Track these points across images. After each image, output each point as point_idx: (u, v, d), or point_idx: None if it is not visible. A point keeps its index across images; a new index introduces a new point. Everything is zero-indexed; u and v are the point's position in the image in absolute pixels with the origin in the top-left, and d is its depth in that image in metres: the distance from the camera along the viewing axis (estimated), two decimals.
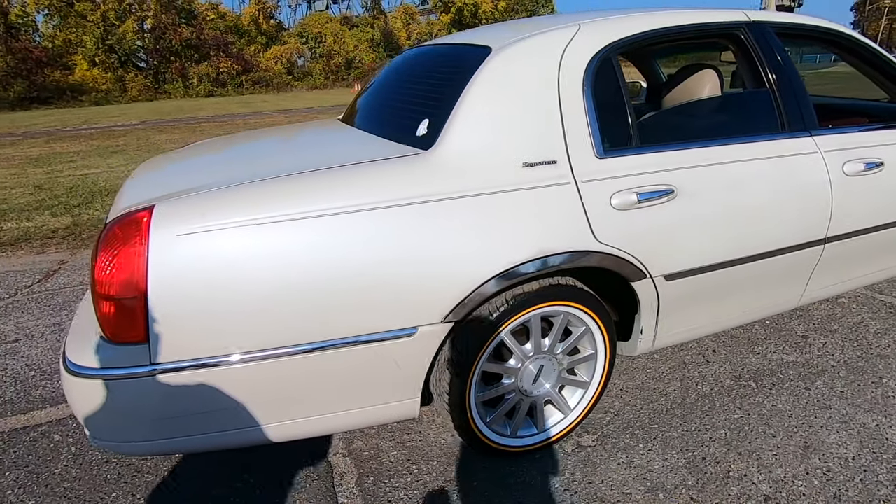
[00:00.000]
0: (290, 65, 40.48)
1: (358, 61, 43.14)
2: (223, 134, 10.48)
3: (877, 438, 1.63)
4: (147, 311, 1.11)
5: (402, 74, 1.93)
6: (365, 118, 1.86)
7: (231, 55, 36.03)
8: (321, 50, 42.59)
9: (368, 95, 2.07)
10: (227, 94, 32.03)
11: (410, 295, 1.24)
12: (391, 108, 1.77)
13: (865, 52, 1.97)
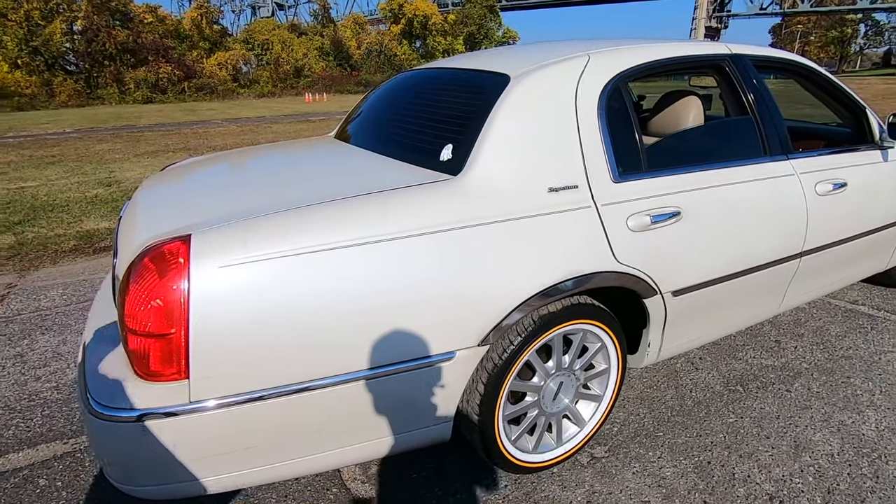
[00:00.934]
0: (236, 71, 39.21)
1: (308, 69, 42.41)
2: (172, 144, 10.01)
3: (855, 434, 1.79)
4: (189, 347, 1.06)
5: (410, 96, 1.95)
6: (373, 139, 1.85)
7: (171, 60, 34.44)
8: (268, 57, 41.56)
9: (371, 115, 2.07)
10: (167, 101, 30.58)
11: (449, 319, 1.26)
12: (403, 130, 1.78)
13: (822, 81, 2.18)
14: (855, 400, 1.97)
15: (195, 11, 41.86)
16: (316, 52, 45.16)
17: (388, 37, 49.28)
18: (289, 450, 1.20)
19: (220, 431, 1.12)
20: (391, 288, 1.19)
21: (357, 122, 2.11)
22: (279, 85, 39.28)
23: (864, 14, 52.01)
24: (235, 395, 1.10)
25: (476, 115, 1.46)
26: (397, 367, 1.22)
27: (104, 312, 1.52)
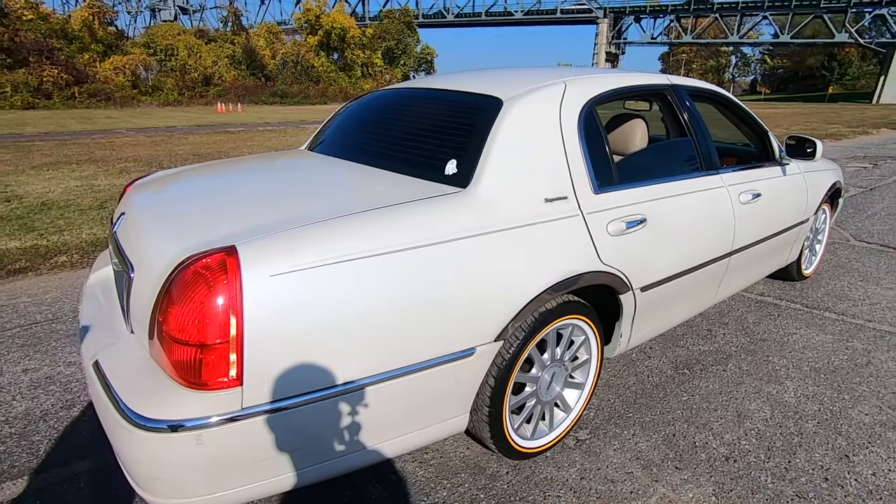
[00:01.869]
0: (135, 77, 36.26)
1: (218, 78, 40.29)
2: (73, 155, 9.11)
3: (780, 401, 2.15)
4: (243, 354, 1.09)
5: (400, 114, 2.05)
6: (367, 154, 1.92)
7: (58, 63, 31.09)
8: (173, 63, 38.93)
9: (359, 130, 2.15)
10: (54, 107, 27.51)
11: (470, 318, 1.39)
12: (399, 146, 1.88)
13: (736, 108, 2.61)
14: (776, 374, 2.36)
15: (86, 11, 38.25)
16: (227, 61, 43.05)
17: (305, 48, 48.25)
18: (327, 451, 1.25)
19: (272, 435, 1.15)
20: (423, 291, 1.30)
21: (341, 136, 2.18)
22: (186, 93, 36.90)
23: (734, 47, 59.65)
24: (286, 398, 1.15)
25: (476, 133, 1.61)
26: (430, 364, 1.32)
27: (101, 327, 1.46)
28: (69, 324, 2.81)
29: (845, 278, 3.53)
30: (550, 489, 1.67)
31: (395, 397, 1.30)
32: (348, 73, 50.02)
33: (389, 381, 1.26)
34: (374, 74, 52.00)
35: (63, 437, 1.89)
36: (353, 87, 47.84)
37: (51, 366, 2.38)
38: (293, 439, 1.18)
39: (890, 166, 8.56)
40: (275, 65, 47.03)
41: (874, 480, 1.72)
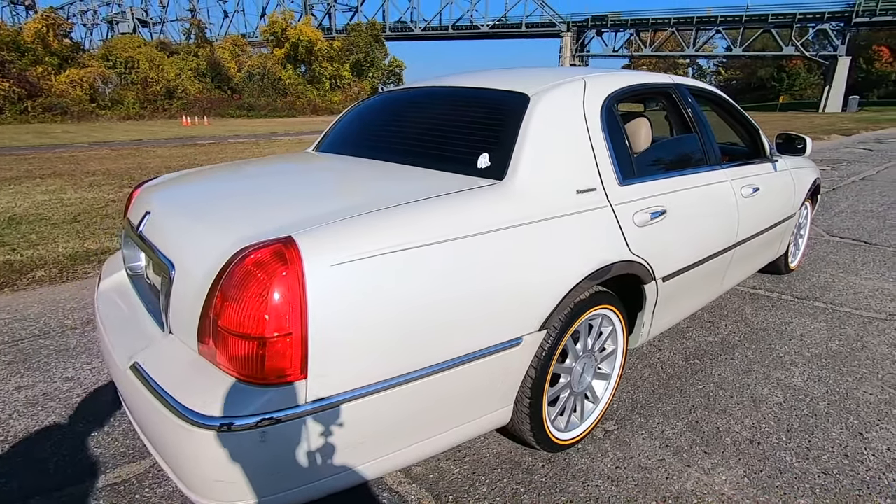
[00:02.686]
0: (94, 91, 35.03)
1: (181, 91, 39.36)
2: (35, 169, 8.70)
3: (789, 386, 2.23)
4: (307, 346, 1.06)
5: (420, 112, 2.05)
6: (386, 151, 1.91)
7: (9, 75, 29.76)
8: (134, 76, 37.81)
9: (373, 130, 2.14)
10: (6, 122, 26.31)
11: (517, 307, 1.39)
12: (420, 142, 1.87)
13: (731, 108, 2.72)
14: (780, 360, 2.44)
15: (39, 22, 36.84)
16: (191, 73, 42.15)
17: (272, 60, 47.71)
18: (384, 446, 1.22)
19: (334, 430, 1.11)
20: (474, 279, 1.29)
21: (359, 136, 2.16)
22: (148, 107, 35.88)
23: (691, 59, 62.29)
24: (349, 390, 1.12)
25: (507, 127, 1.63)
26: (482, 353, 1.31)
27: (128, 330, 1.40)
28: (58, 339, 2.67)
29: (827, 270, 3.70)
30: (588, 480, 1.68)
31: (450, 388, 1.29)
32: (316, 86, 49.71)
33: (446, 371, 1.25)
34: (342, 87, 51.84)
35: (72, 454, 1.78)
36: (322, 99, 47.57)
37: (45, 382, 2.25)
38: (354, 433, 1.15)
39: (846, 168, 9.06)
40: (241, 77, 46.31)
41: (890, 455, 1.80)
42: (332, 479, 1.16)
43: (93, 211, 5.59)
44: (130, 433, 1.89)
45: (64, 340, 2.65)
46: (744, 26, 49.69)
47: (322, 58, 49.76)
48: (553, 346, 1.53)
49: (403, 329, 1.18)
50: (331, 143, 2.28)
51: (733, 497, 1.60)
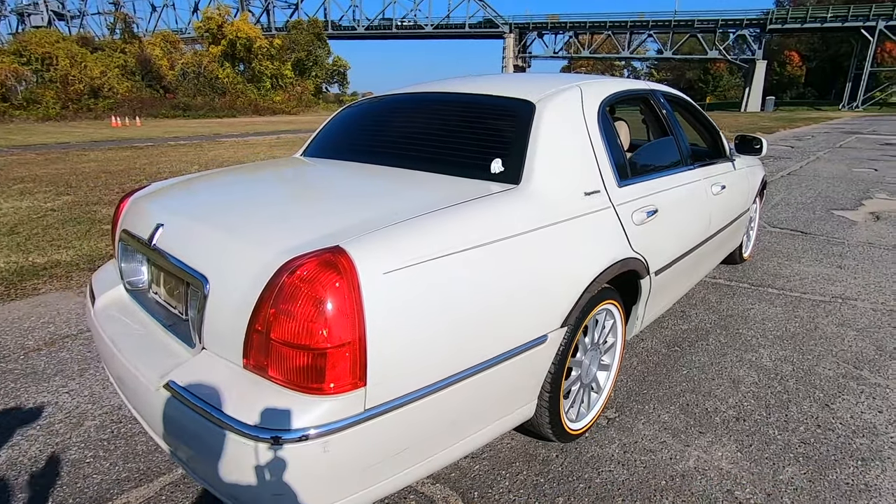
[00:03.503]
0: (5, 89, 32.06)
1: (108, 90, 36.81)
2: None
3: (761, 366, 2.44)
4: (366, 354, 1.07)
5: (419, 118, 2.06)
6: (390, 157, 1.92)
7: None
8: (53, 74, 34.92)
9: (373, 135, 2.14)
10: None
11: (542, 307, 1.45)
12: (428, 148, 1.89)
13: (695, 111, 2.93)
14: (749, 343, 2.67)
15: None
16: (118, 71, 39.50)
17: (208, 58, 45.50)
18: (433, 446, 1.25)
19: (390, 435, 1.13)
20: (506, 281, 1.34)
21: (358, 142, 2.15)
22: (71, 107, 33.31)
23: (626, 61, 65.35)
24: (404, 395, 1.14)
25: (517, 133, 1.69)
26: (516, 351, 1.37)
27: (145, 349, 1.35)
28: (21, 362, 2.47)
29: (774, 259, 4.05)
30: (601, 465, 1.77)
31: (489, 386, 1.33)
32: (257, 85, 47.95)
33: (485, 371, 1.29)
34: (284, 86, 50.31)
35: (71, 483, 1.68)
36: (264, 99, 45.96)
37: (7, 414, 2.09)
38: (407, 436, 1.17)
39: (774, 164, 9.86)
40: (174, 76, 43.88)
41: (854, 422, 2.02)
42: (385, 483, 1.18)
43: (31, 221, 5.16)
44: (130, 456, 1.80)
45: (29, 363, 2.46)
46: (672, 31, 52.73)
47: (262, 56, 48.02)
48: (570, 341, 1.61)
49: (448, 333, 1.22)
50: (327, 148, 2.26)
51: (731, 471, 1.75)
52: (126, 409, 2.07)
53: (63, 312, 3.09)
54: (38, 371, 2.39)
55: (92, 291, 1.76)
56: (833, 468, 1.77)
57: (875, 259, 4.04)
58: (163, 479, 1.70)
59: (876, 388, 2.25)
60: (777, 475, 1.73)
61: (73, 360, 2.49)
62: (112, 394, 2.19)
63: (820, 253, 4.20)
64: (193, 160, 10.28)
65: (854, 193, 6.79)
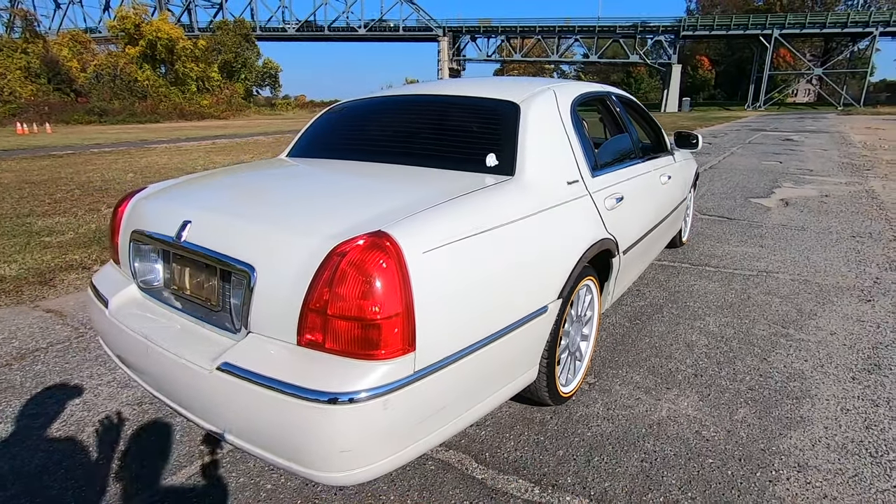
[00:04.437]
0: None
1: (9, 93, 33.58)
2: None
3: (708, 332, 2.80)
4: (413, 323, 1.22)
5: (415, 118, 2.21)
6: (386, 154, 2.06)
7: None
8: None
9: (365, 134, 2.26)
10: None
11: (543, 281, 1.67)
12: (423, 145, 2.05)
13: (641, 110, 3.28)
14: (696, 313, 3.04)
15: None
16: (20, 73, 36.15)
17: (124, 59, 42.54)
18: (461, 405, 1.42)
19: (433, 394, 1.29)
20: (515, 259, 1.54)
21: (349, 141, 2.27)
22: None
23: (555, 65, 68.13)
24: (444, 358, 1.30)
25: (506, 130, 1.90)
26: (525, 320, 1.57)
27: (183, 339, 1.43)
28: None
29: (707, 242, 4.55)
30: (589, 421, 2.02)
31: (504, 352, 1.52)
32: (182, 88, 45.38)
33: (502, 338, 1.48)
34: (211, 89, 48.03)
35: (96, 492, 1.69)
36: (189, 103, 43.59)
37: (7, 423, 2.03)
38: (445, 395, 1.33)
39: (697, 159, 10.76)
40: (86, 78, 40.69)
41: (787, 370, 2.40)
42: (428, 438, 1.33)
43: None
44: (151, 456, 1.83)
45: (7, 377, 2.37)
46: (597, 36, 55.70)
47: (186, 57, 45.56)
48: (562, 311, 1.83)
49: (475, 304, 1.40)
50: (320, 149, 2.35)
51: (696, 416, 2.05)
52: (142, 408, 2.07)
53: (24, 327, 2.95)
54: (16, 385, 2.31)
55: (100, 294, 1.77)
56: (775, 406, 2.12)
57: (789, 238, 4.65)
58: (185, 471, 1.74)
59: (801, 343, 2.67)
60: (733, 416, 2.05)
61: (53, 373, 2.42)
62: (108, 399, 2.18)
63: (744, 235, 4.77)
64: (125, 168, 9.73)
65: (765, 183, 7.64)
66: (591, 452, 1.84)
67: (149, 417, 2.05)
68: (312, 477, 1.22)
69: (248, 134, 20.48)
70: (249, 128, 25.75)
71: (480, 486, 1.68)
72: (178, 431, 1.96)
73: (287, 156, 2.47)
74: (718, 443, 1.89)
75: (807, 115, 37.81)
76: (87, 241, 4.68)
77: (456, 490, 1.66)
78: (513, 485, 1.69)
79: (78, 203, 6.37)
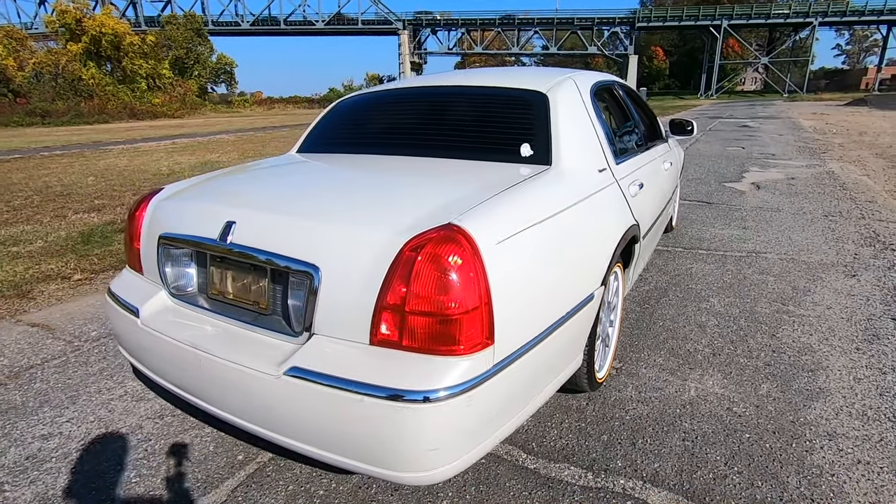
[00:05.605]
0: None
1: None
2: None
3: (716, 312, 2.89)
4: (493, 315, 1.20)
5: (441, 109, 2.17)
6: (413, 147, 2.02)
7: None
8: None
9: (387, 128, 2.21)
10: None
11: (589, 269, 1.68)
12: (452, 138, 2.01)
13: (640, 100, 3.34)
14: (700, 295, 3.14)
15: None
16: None
17: (66, 57, 40.11)
18: (535, 390, 1.42)
19: (511, 383, 1.27)
20: (569, 248, 1.54)
21: (372, 135, 2.21)
22: None
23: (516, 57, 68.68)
24: (518, 349, 1.29)
25: (538, 120, 1.89)
26: (576, 309, 1.58)
27: (235, 343, 1.36)
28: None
29: (694, 226, 4.70)
30: (625, 405, 2.05)
31: (561, 340, 1.52)
32: (131, 87, 43.22)
33: (560, 327, 1.48)
34: (163, 87, 45.97)
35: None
36: (140, 101, 41.57)
37: (18, 446, 1.89)
38: (518, 386, 1.32)
39: None
40: (24, 77, 38.21)
41: (796, 345, 2.51)
42: (500, 431, 1.32)
43: None
44: (180, 474, 1.74)
45: (6, 398, 2.21)
46: (556, 28, 56.48)
47: (134, 54, 43.41)
48: (602, 298, 1.85)
49: (538, 293, 1.39)
50: (340, 143, 2.27)
51: (724, 394, 2.12)
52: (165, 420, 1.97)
53: (10, 343, 2.76)
54: (19, 405, 2.16)
55: (125, 303, 1.66)
56: (793, 379, 2.21)
57: (768, 220, 4.86)
58: (228, 483, 1.67)
59: (802, 318, 2.80)
60: (757, 391, 2.13)
61: (55, 389, 2.27)
62: (124, 414, 2.06)
63: (726, 218, 4.95)
64: (83, 171, 9.21)
65: (734, 168, 7.95)
66: (634, 435, 1.88)
67: (174, 430, 1.95)
68: (397, 478, 1.19)
69: (209, 133, 19.76)
70: (208, 126, 24.84)
71: (535, 476, 1.69)
72: (210, 443, 1.87)
73: (298, 152, 2.38)
74: (750, 418, 1.96)
75: (756, 102, 39.56)
76: (60, 249, 4.41)
77: (512, 481, 1.66)
78: (565, 472, 1.70)
79: (40, 210, 5.99)
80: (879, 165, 8.00)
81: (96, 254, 4.28)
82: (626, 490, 1.62)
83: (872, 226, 4.60)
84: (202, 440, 1.89)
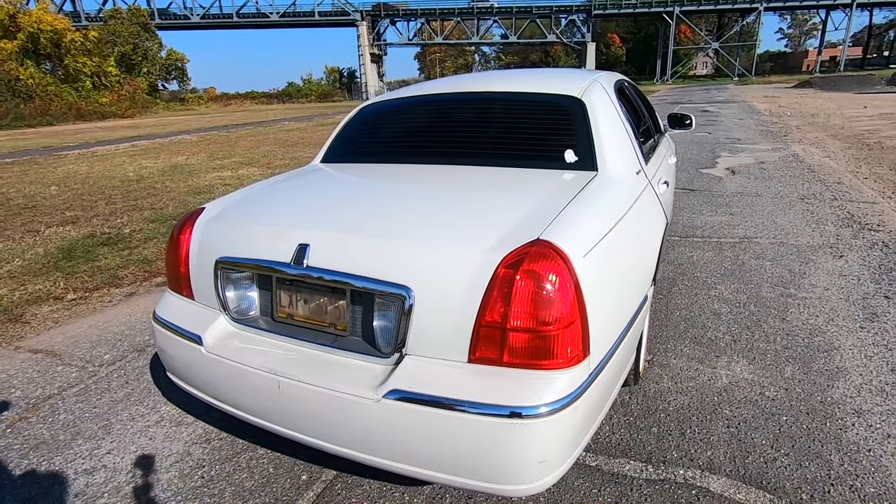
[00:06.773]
0: None
1: None
2: None
3: (725, 298, 3.03)
4: (587, 328, 1.24)
5: (472, 117, 2.16)
6: (453, 156, 2.02)
7: None
8: None
9: (425, 138, 2.19)
10: None
11: (645, 270, 1.74)
12: (491, 145, 2.02)
13: (644, 97, 3.43)
14: (707, 282, 3.27)
15: None
16: None
17: (2, 54, 37.49)
18: (609, 393, 1.47)
19: (599, 390, 1.31)
20: (630, 254, 1.59)
21: (404, 144, 2.19)
22: None
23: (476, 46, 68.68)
24: (605, 356, 1.33)
25: (577, 125, 1.93)
26: (637, 311, 1.63)
27: (318, 367, 1.36)
28: (16, 437, 2.10)
29: (684, 213, 4.87)
30: (666, 396, 2.14)
31: (629, 341, 1.58)
32: (74, 86, 40.84)
33: (629, 331, 1.54)
34: (110, 85, 43.67)
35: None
36: (86, 101, 39.38)
37: (64, 484, 1.82)
38: (602, 391, 1.37)
39: None
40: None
41: (806, 327, 2.67)
42: (588, 436, 1.36)
43: None
44: (240, 493, 1.71)
45: (26, 435, 2.10)
46: (515, 17, 56.72)
47: (77, 51, 41.02)
48: (646, 297, 1.92)
49: (616, 301, 1.44)
50: (369, 153, 2.24)
51: (754, 379, 2.24)
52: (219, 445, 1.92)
53: (15, 374, 2.62)
54: (49, 440, 2.06)
55: (182, 331, 1.61)
56: (812, 361, 2.35)
57: (751, 205, 5.09)
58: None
59: (805, 300, 2.97)
60: (783, 374, 2.26)
61: (83, 420, 2.18)
62: (167, 440, 2.00)
63: (712, 205, 5.15)
64: (41, 180, 8.69)
65: (706, 154, 8.25)
66: (681, 425, 1.96)
67: (226, 454, 1.91)
68: (505, 492, 1.21)
69: (167, 133, 18.96)
70: (165, 126, 23.81)
71: (599, 473, 1.75)
72: (268, 464, 1.85)
73: (324, 161, 2.34)
74: (783, 401, 2.08)
75: (710, 86, 40.96)
76: (43, 267, 4.18)
77: (580, 480, 1.72)
78: (626, 467, 1.77)
79: (8, 225, 5.64)
80: (837, 147, 8.46)
81: (84, 270, 4.09)
82: (688, 480, 1.70)
83: (846, 206, 4.89)
84: (259, 462, 1.86)
